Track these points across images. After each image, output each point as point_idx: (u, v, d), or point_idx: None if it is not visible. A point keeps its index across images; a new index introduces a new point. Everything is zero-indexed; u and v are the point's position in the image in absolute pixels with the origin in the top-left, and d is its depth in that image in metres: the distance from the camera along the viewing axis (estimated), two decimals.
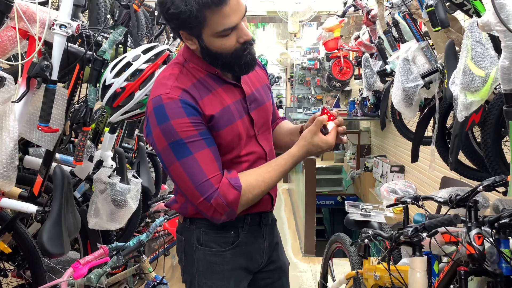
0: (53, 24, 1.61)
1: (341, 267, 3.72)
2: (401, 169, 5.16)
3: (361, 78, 4.48)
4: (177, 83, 1.30)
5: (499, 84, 1.54)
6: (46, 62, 1.57)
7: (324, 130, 1.38)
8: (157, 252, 3.15)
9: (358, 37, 4.82)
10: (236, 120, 1.36)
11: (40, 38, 1.57)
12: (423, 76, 2.55)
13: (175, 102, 1.26)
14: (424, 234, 1.68)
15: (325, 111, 1.40)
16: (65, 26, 1.61)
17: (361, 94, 6.12)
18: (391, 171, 5.19)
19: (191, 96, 1.28)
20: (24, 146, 2.46)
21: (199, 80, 1.33)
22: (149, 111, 1.29)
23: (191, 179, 1.26)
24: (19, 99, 1.60)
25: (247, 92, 1.42)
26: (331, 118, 1.39)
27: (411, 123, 3.47)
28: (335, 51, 5.69)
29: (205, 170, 1.27)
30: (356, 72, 5.83)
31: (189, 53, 1.36)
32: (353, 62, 5.76)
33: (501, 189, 1.70)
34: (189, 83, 1.31)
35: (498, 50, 1.64)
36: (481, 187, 1.59)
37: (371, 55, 4.27)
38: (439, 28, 2.01)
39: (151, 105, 1.28)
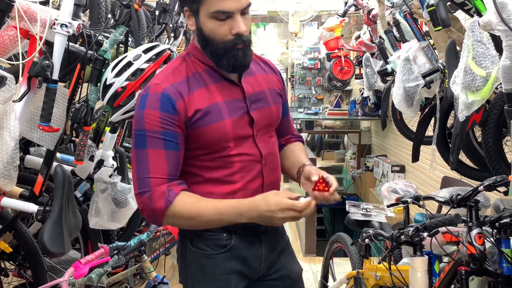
0: (54, 24, 1.61)
1: (342, 267, 3.71)
2: (402, 169, 5.15)
3: (362, 78, 4.48)
4: (170, 76, 1.32)
5: (500, 83, 1.54)
6: (47, 62, 1.57)
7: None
8: (158, 252, 3.15)
9: (359, 36, 4.82)
10: (224, 118, 1.33)
11: (41, 38, 1.57)
12: (424, 76, 2.55)
13: (157, 94, 1.28)
14: (425, 234, 1.68)
15: (318, 184, 1.32)
16: (66, 26, 1.61)
17: (362, 94, 6.11)
18: (392, 171, 5.18)
19: (178, 91, 1.29)
20: (25, 145, 2.47)
21: (195, 74, 1.34)
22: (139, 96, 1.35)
23: (137, 170, 1.29)
24: (20, 99, 1.60)
25: (247, 91, 1.40)
26: (323, 188, 1.30)
27: (412, 123, 3.47)
28: (336, 50, 5.68)
29: (150, 168, 1.27)
30: (357, 71, 5.82)
31: (193, 46, 1.39)
32: (354, 61, 5.76)
33: (502, 188, 1.70)
34: (183, 76, 1.33)
35: (499, 49, 1.64)
36: (482, 186, 1.59)
37: (372, 54, 4.27)
38: (440, 27, 2.00)
39: (143, 91, 1.35)
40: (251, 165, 1.39)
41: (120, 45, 2.19)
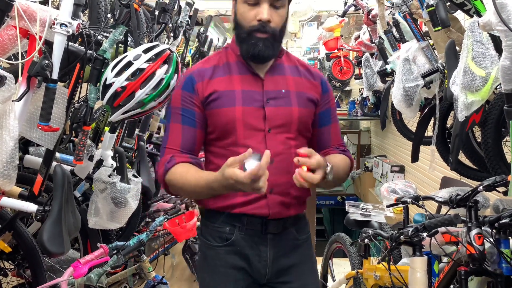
0: (53, 23, 1.61)
1: (341, 267, 3.72)
2: (401, 169, 5.16)
3: (361, 78, 4.48)
4: (201, 64, 1.47)
5: (500, 84, 1.54)
6: (46, 61, 1.57)
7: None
8: (157, 252, 3.15)
9: (358, 37, 4.82)
10: (235, 105, 1.38)
11: (40, 37, 1.57)
12: (424, 76, 2.55)
13: (184, 77, 1.45)
14: (425, 234, 1.68)
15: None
16: (66, 25, 1.61)
17: (361, 94, 6.11)
18: (391, 171, 5.19)
19: (201, 75, 1.42)
20: (24, 145, 2.46)
21: (226, 64, 1.45)
22: None
23: (162, 141, 1.45)
24: (20, 98, 1.59)
25: (267, 86, 1.43)
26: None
27: (411, 123, 3.47)
28: (336, 51, 5.69)
29: (169, 139, 1.42)
30: (356, 72, 5.82)
31: (233, 38, 1.48)
32: (354, 62, 5.76)
33: (502, 189, 1.70)
34: (211, 64, 1.45)
35: (498, 50, 1.64)
36: (481, 187, 1.59)
37: (371, 54, 4.27)
38: (440, 28, 2.00)
39: None
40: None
41: (120, 45, 2.18)
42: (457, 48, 2.09)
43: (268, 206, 1.41)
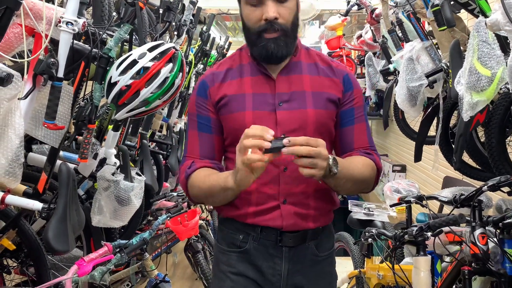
0: (59, 21, 1.61)
1: (342, 266, 3.72)
2: (403, 169, 5.16)
3: (363, 77, 4.48)
4: (215, 66, 1.42)
5: (505, 84, 1.54)
6: (52, 59, 1.57)
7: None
8: (159, 250, 3.16)
9: (360, 36, 4.82)
10: (245, 109, 1.31)
11: (46, 36, 1.57)
12: (427, 76, 2.55)
13: (199, 81, 1.40)
14: (429, 234, 1.69)
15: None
16: (72, 24, 1.61)
17: (364, 93, 6.10)
18: (393, 171, 5.19)
19: (213, 79, 1.37)
20: (27, 143, 2.46)
21: (239, 66, 1.39)
22: None
23: (183, 148, 1.45)
24: (25, 96, 1.59)
25: (279, 88, 1.33)
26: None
27: (413, 123, 3.47)
28: (338, 50, 5.68)
29: (188, 148, 1.39)
30: (358, 71, 5.82)
31: (246, 36, 1.39)
32: (356, 61, 5.76)
33: (506, 189, 1.70)
34: (225, 67, 1.39)
35: (504, 50, 1.64)
36: (486, 187, 1.59)
37: (374, 54, 4.27)
38: (445, 27, 2.01)
39: None
40: (267, 168, 1.24)
41: (125, 43, 2.18)
42: (461, 48, 2.09)
43: (281, 217, 1.31)
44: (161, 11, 2.48)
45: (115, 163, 2.34)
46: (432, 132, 2.89)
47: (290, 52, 1.33)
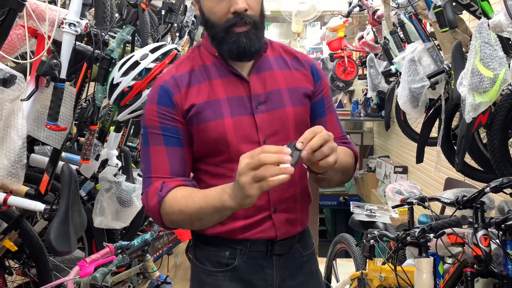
0: (62, 23, 1.61)
1: (344, 268, 3.72)
2: (405, 170, 5.15)
3: (365, 78, 4.47)
4: (174, 69, 1.23)
5: (508, 85, 1.54)
6: (55, 61, 1.58)
7: None
8: (160, 251, 3.16)
9: (362, 37, 4.81)
10: (224, 117, 1.18)
11: (49, 37, 1.57)
12: (429, 77, 2.55)
13: (157, 87, 1.20)
14: (431, 235, 1.68)
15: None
16: (74, 25, 1.62)
17: (365, 95, 6.11)
18: (394, 172, 5.18)
19: (176, 83, 1.19)
20: (29, 144, 2.47)
21: (202, 67, 1.22)
22: None
23: (143, 169, 1.21)
24: (28, 97, 1.60)
25: (254, 90, 1.21)
26: None
27: (415, 124, 3.47)
28: (339, 51, 5.68)
29: (152, 167, 1.18)
30: (360, 72, 5.82)
31: (205, 35, 1.25)
32: (357, 62, 5.76)
33: (508, 190, 1.69)
34: (186, 69, 1.22)
35: (506, 51, 1.64)
36: (488, 188, 1.59)
37: (375, 55, 4.27)
38: (447, 28, 2.01)
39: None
40: None
41: (127, 44, 2.19)
42: (463, 49, 2.09)
43: (274, 227, 1.23)
44: (163, 12, 2.49)
45: (117, 164, 2.34)
46: (434, 133, 2.89)
47: (262, 46, 1.21)
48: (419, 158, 2.87)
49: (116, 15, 2.02)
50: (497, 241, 1.59)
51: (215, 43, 1.19)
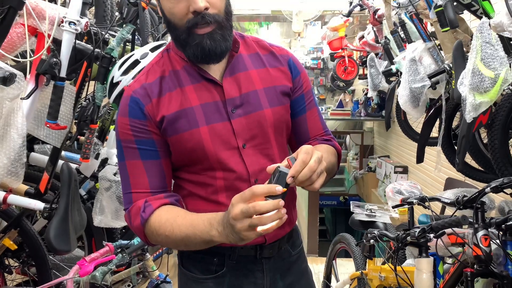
0: (62, 21, 1.61)
1: (344, 268, 3.72)
2: (405, 170, 5.15)
3: (366, 78, 4.47)
4: (143, 77, 1.16)
5: (508, 85, 1.54)
6: (55, 59, 1.58)
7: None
8: (160, 251, 3.16)
9: (362, 37, 4.81)
10: (199, 125, 1.12)
11: (49, 35, 1.57)
12: (430, 77, 2.54)
13: (127, 98, 1.14)
14: (431, 235, 1.68)
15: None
16: (75, 24, 1.62)
17: (365, 94, 6.10)
18: (395, 172, 5.17)
19: (146, 93, 1.13)
20: (29, 143, 2.47)
21: (172, 72, 1.16)
22: None
23: (122, 184, 1.17)
24: (28, 96, 1.60)
25: (229, 94, 1.15)
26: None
27: (415, 124, 3.47)
28: (340, 50, 5.68)
29: (131, 182, 1.14)
30: (361, 72, 5.82)
31: (173, 36, 1.16)
32: (358, 62, 5.76)
33: (509, 190, 1.69)
34: (156, 76, 1.15)
35: (507, 51, 1.64)
36: (488, 188, 1.58)
37: (376, 55, 4.26)
38: (448, 28, 2.00)
39: None
40: (236, 184, 1.15)
41: (127, 43, 2.19)
42: (464, 49, 2.09)
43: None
44: None
45: (117, 163, 2.34)
46: (434, 133, 2.89)
47: (229, 45, 1.13)
48: (420, 158, 2.86)
49: (116, 13, 2.02)
50: (498, 241, 1.58)
51: (179, 45, 1.13)
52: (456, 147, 2.33)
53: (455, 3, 2.07)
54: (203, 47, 1.08)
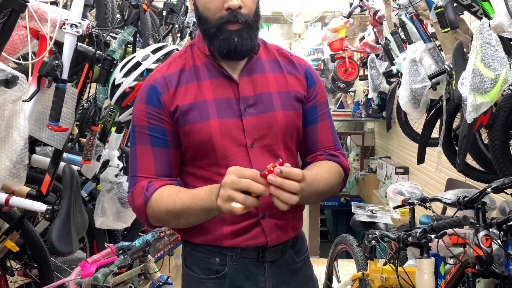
0: (64, 24, 1.62)
1: (345, 269, 3.72)
2: (406, 171, 5.15)
3: (366, 79, 4.47)
4: (165, 68, 1.22)
5: (509, 85, 1.54)
6: (57, 62, 1.58)
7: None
8: (162, 252, 3.16)
9: (363, 38, 4.81)
10: (210, 118, 1.16)
11: (51, 38, 1.58)
12: (430, 77, 2.55)
13: (146, 86, 1.19)
14: (433, 236, 1.68)
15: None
16: (76, 26, 1.62)
17: (366, 95, 6.10)
18: (396, 173, 5.17)
19: (165, 83, 1.18)
20: (31, 144, 2.47)
21: (192, 67, 1.20)
22: None
23: (129, 167, 1.21)
24: (30, 98, 1.60)
25: (244, 92, 1.19)
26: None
27: (416, 125, 3.47)
28: (340, 51, 5.69)
29: (138, 166, 1.18)
30: (361, 73, 5.82)
31: (198, 34, 1.24)
32: (358, 63, 5.76)
33: (509, 191, 1.69)
34: (177, 68, 1.20)
35: (507, 51, 1.64)
36: (489, 188, 1.59)
37: (376, 55, 4.27)
38: (448, 29, 2.01)
39: None
40: None
41: (128, 45, 2.19)
42: (465, 50, 2.09)
43: (264, 233, 1.20)
44: (164, 13, 2.49)
45: (118, 165, 2.35)
46: (435, 134, 2.89)
47: (254, 45, 1.19)
48: (420, 159, 2.87)
49: (118, 16, 2.02)
50: (499, 241, 1.59)
51: (206, 39, 1.18)
52: (456, 148, 2.33)
53: (455, 4, 2.08)
54: (230, 43, 1.13)
